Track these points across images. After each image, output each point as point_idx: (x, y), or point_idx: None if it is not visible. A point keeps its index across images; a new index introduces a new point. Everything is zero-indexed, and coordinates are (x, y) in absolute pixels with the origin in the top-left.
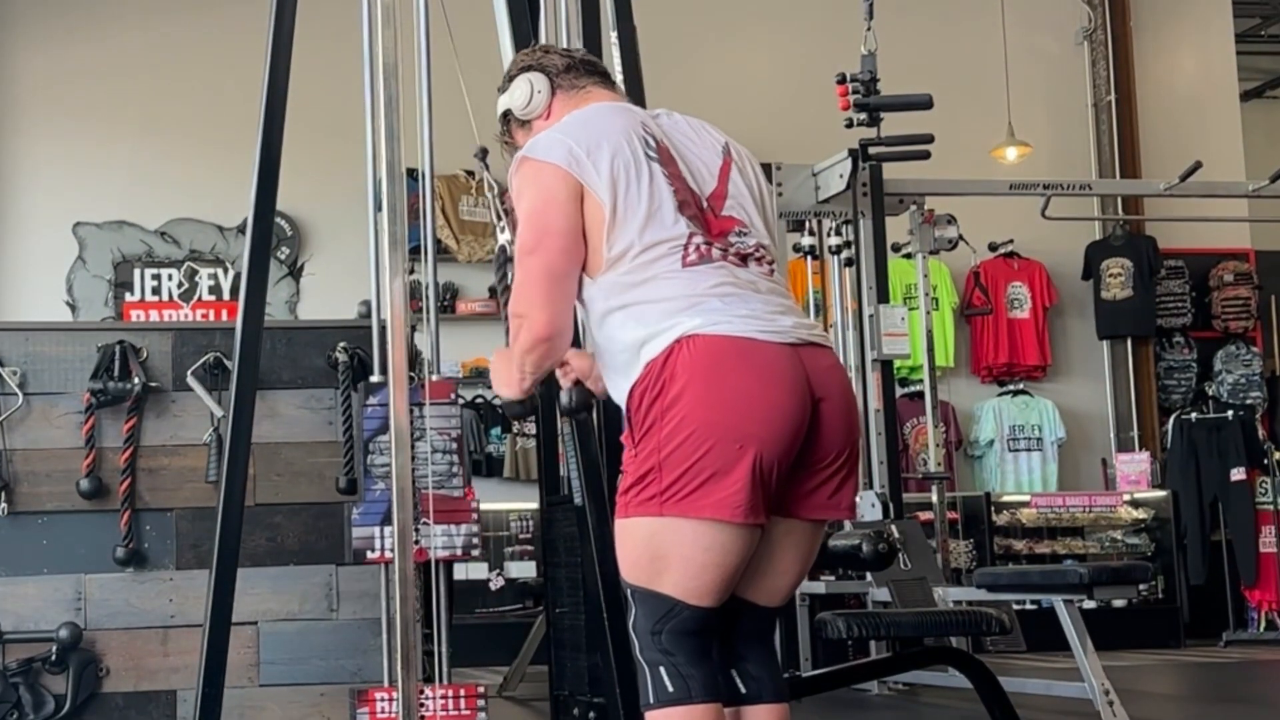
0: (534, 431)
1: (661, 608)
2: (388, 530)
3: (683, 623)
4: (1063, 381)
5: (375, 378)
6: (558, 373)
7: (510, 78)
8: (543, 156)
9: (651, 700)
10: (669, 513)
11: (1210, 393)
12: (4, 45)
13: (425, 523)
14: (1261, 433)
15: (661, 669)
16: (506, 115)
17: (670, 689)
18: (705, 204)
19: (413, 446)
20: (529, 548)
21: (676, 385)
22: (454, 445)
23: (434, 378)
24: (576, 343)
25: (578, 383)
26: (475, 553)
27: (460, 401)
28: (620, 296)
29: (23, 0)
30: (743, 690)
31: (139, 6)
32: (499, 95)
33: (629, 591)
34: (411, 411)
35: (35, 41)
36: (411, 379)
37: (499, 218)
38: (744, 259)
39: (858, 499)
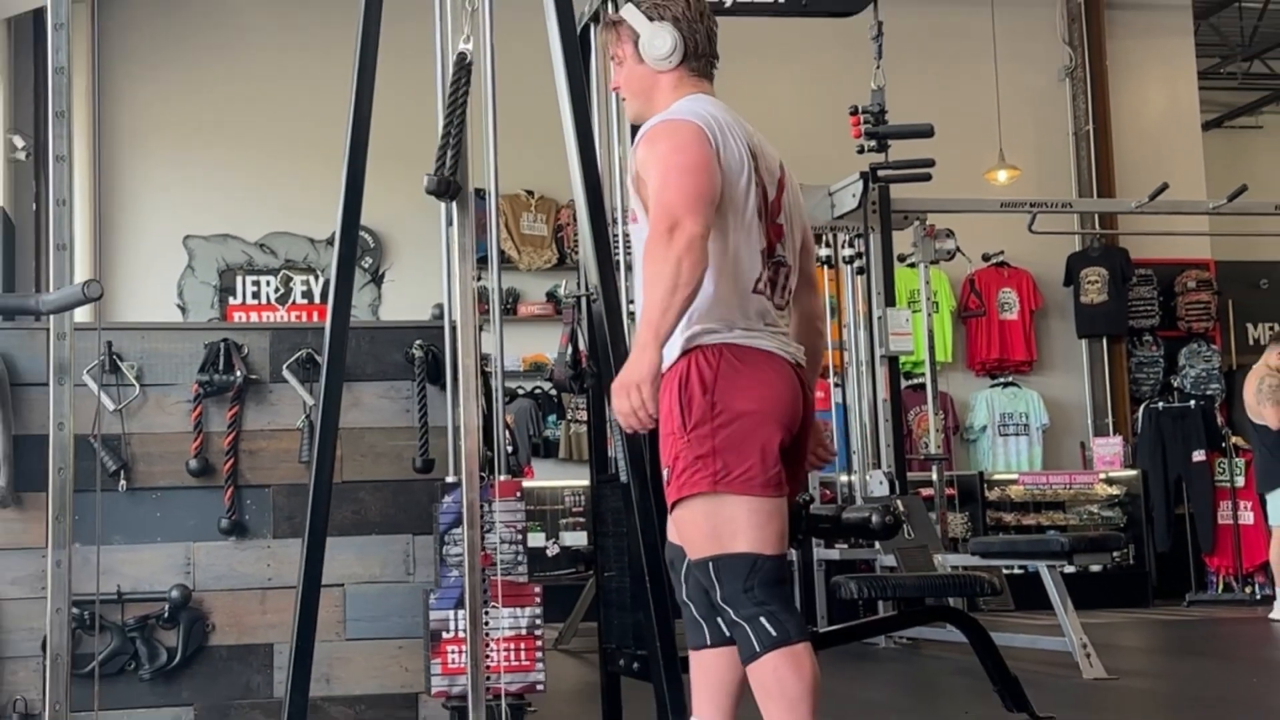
0: (585, 417)
1: (744, 565)
2: (461, 614)
3: (767, 573)
4: (1046, 375)
5: (450, 478)
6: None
7: (661, 11)
8: (689, 117)
9: (757, 648)
10: (723, 490)
11: (1175, 385)
12: (121, 79)
13: (494, 605)
14: (1220, 420)
15: (762, 619)
16: (636, 38)
17: (774, 633)
18: (768, 209)
19: (483, 538)
20: (580, 519)
21: (725, 382)
22: (519, 536)
23: (502, 478)
24: None
25: None
26: (539, 643)
27: (521, 393)
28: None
29: (137, 37)
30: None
31: (241, 48)
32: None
33: (709, 567)
34: (482, 508)
35: (149, 75)
36: (482, 479)
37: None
38: (777, 289)
39: (868, 478)
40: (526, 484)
